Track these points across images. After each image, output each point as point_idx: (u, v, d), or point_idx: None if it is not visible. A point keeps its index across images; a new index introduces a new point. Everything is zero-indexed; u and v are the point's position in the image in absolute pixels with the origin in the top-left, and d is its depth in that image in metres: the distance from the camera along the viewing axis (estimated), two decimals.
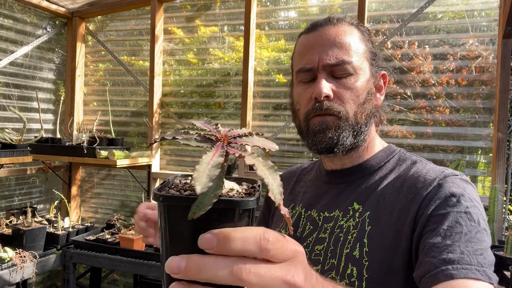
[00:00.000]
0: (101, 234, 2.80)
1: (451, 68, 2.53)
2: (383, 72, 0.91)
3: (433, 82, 2.57)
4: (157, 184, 3.34)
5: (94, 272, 3.05)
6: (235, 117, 3.15)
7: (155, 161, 3.31)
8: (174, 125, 3.36)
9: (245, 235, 0.36)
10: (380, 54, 0.93)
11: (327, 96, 0.82)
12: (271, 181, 0.37)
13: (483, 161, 2.52)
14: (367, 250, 0.77)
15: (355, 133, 0.84)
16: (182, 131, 0.44)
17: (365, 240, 0.78)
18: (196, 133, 0.43)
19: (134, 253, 2.53)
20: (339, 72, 0.83)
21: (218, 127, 0.45)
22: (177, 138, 0.42)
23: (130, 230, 2.72)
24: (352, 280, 0.77)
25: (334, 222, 0.85)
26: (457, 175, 0.79)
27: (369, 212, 0.81)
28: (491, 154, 2.46)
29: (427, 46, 2.58)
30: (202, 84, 3.29)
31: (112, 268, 2.92)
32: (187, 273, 0.36)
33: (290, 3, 3.09)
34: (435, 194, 0.75)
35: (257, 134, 0.45)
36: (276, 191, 0.37)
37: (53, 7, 3.32)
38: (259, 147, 0.43)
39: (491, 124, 2.45)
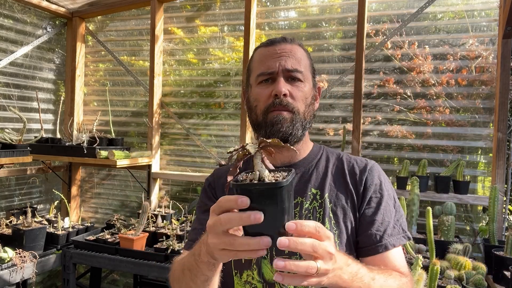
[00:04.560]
0: (101, 234, 2.80)
1: (451, 68, 2.53)
2: (319, 85, 1.16)
3: (433, 82, 2.57)
4: (157, 184, 3.35)
5: (94, 272, 3.05)
6: (235, 117, 3.15)
7: (155, 161, 3.31)
8: (174, 125, 3.37)
9: (308, 224, 0.65)
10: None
11: (284, 94, 1.01)
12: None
13: (483, 161, 2.52)
14: (334, 222, 1.02)
15: (303, 127, 1.04)
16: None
17: (331, 215, 1.03)
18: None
19: (134, 253, 2.53)
20: (293, 77, 1.03)
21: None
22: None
23: (130, 230, 2.72)
24: None
25: (300, 207, 1.05)
26: (374, 163, 1.11)
27: (327, 194, 1.05)
28: (491, 154, 2.45)
29: (427, 46, 2.58)
30: (202, 84, 3.29)
31: (112, 268, 2.91)
32: (299, 232, 0.65)
33: (290, 3, 3.09)
34: (371, 179, 1.05)
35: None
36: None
37: (53, 7, 3.32)
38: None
39: (491, 124, 2.45)
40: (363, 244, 1.01)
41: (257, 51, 1.10)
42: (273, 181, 0.65)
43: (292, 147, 0.73)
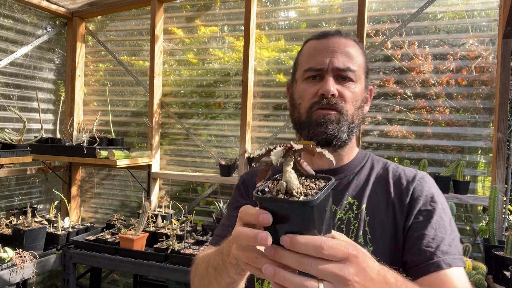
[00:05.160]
0: (101, 234, 2.80)
1: (451, 68, 2.53)
2: (370, 87, 1.05)
3: (433, 82, 2.57)
4: (157, 184, 3.35)
5: (94, 272, 3.05)
6: (235, 117, 3.15)
7: (155, 161, 3.31)
8: (174, 125, 3.36)
9: (307, 242, 0.51)
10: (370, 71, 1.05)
11: (333, 95, 0.92)
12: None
13: (483, 161, 2.52)
14: (370, 237, 0.90)
15: (350, 130, 0.95)
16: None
17: (367, 229, 0.91)
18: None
19: (134, 253, 2.53)
20: (344, 76, 0.94)
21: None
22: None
23: (130, 230, 2.72)
24: None
25: (333, 216, 0.94)
26: (426, 174, 0.97)
27: (365, 205, 0.93)
28: (491, 154, 2.45)
29: (427, 46, 2.58)
30: (202, 84, 3.29)
31: (112, 268, 2.92)
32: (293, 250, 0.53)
33: (290, 3, 3.09)
34: (420, 190, 0.92)
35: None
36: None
37: (53, 7, 3.32)
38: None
39: (491, 124, 2.45)
40: (411, 264, 0.85)
41: (308, 44, 1.01)
42: (303, 195, 0.54)
43: (327, 154, 0.59)
